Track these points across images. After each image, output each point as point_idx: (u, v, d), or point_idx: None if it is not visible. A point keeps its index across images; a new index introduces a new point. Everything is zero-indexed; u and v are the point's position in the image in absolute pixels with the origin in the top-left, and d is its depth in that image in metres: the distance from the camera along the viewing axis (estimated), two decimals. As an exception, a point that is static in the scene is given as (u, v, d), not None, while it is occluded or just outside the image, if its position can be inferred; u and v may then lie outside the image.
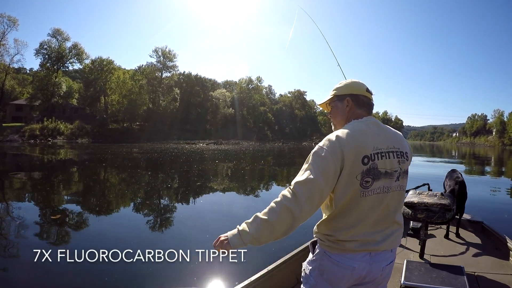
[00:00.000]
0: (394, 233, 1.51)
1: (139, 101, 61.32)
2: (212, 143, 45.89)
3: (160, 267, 3.83)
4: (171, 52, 68.92)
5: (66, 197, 8.43)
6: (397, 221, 1.53)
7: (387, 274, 1.57)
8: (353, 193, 1.41)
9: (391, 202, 1.48)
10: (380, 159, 1.43)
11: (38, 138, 46.79)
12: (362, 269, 1.47)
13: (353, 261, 1.46)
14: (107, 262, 4.05)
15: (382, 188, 1.44)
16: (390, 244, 1.51)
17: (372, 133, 1.47)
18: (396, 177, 1.47)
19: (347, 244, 1.44)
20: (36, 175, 12.56)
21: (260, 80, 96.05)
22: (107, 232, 5.42)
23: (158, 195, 9.00)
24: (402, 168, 1.49)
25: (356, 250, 1.45)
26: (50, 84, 56.40)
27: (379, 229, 1.47)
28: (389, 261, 1.54)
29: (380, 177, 1.43)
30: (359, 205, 1.42)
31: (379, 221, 1.48)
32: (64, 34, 59.14)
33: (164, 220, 6.46)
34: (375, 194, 1.43)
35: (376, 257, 1.48)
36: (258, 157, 24.36)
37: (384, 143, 1.46)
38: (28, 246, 4.67)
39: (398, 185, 1.49)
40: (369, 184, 1.41)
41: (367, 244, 1.45)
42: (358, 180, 1.39)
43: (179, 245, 4.83)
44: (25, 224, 5.73)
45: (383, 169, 1.43)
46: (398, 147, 1.50)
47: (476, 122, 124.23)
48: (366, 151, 1.41)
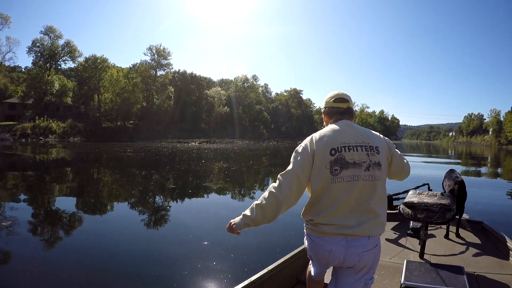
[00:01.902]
0: (369, 220, 1.68)
1: (132, 99, 60.88)
2: (204, 142, 45.41)
3: (160, 267, 3.80)
4: (166, 50, 68.55)
5: (43, 201, 8.06)
6: (373, 210, 1.70)
7: (367, 261, 1.72)
8: (325, 180, 1.68)
9: (363, 190, 1.69)
10: (347, 151, 1.70)
11: (30, 137, 46.29)
12: (339, 252, 1.69)
13: (330, 244, 1.69)
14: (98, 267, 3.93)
15: (352, 176, 1.68)
16: (367, 231, 1.68)
17: (342, 131, 1.76)
18: (365, 167, 1.69)
19: (324, 227, 1.69)
20: (11, 176, 12.16)
21: (256, 78, 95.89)
22: (75, 242, 5.16)
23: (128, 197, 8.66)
24: (372, 160, 1.71)
25: (332, 233, 1.68)
26: (43, 82, 55.90)
27: (354, 216, 1.67)
28: (367, 249, 1.70)
29: (348, 166, 1.68)
30: (331, 191, 1.68)
31: (353, 208, 1.68)
32: (57, 32, 58.64)
33: (154, 220, 6.15)
34: (345, 182, 1.67)
35: (353, 242, 1.67)
36: (248, 156, 23.99)
37: (352, 139, 1.73)
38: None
39: (369, 175, 1.70)
40: (338, 172, 1.67)
41: (342, 228, 1.66)
42: (327, 168, 1.68)
43: (178, 245, 4.74)
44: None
45: (351, 160, 1.69)
46: (368, 142, 1.75)
47: (472, 122, 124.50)
48: (334, 145, 1.71)
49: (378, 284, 2.54)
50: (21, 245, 4.70)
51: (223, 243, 4.60)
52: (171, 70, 71.82)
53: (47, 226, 5.91)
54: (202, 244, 4.58)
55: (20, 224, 5.71)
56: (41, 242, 5.02)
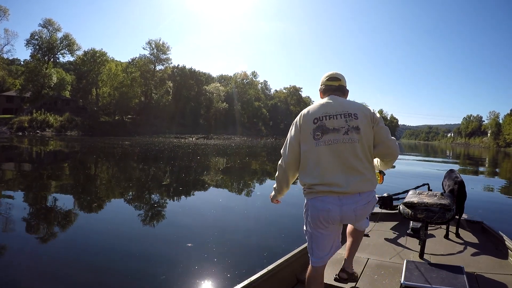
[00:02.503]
0: (356, 178, 1.90)
1: (130, 94, 60.55)
2: (202, 138, 45.18)
3: (159, 268, 3.78)
4: (165, 44, 68.11)
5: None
6: (357, 169, 1.92)
7: (361, 215, 1.99)
8: (310, 144, 1.98)
9: (344, 151, 1.92)
10: (328, 119, 1.98)
11: (27, 130, 46.02)
12: (335, 211, 1.91)
13: (326, 203, 1.92)
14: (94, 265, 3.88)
15: (332, 140, 1.94)
16: (355, 188, 1.90)
17: (326, 104, 2.05)
18: (344, 132, 1.94)
19: (317, 187, 1.93)
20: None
21: (255, 75, 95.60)
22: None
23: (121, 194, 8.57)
24: (350, 125, 1.95)
25: (325, 192, 1.91)
26: (41, 76, 55.56)
27: (340, 175, 1.91)
28: (360, 204, 1.94)
29: (328, 132, 1.95)
30: (315, 153, 1.96)
31: (338, 168, 1.92)
32: (55, 25, 58.27)
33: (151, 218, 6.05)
34: (326, 145, 1.94)
35: (345, 200, 1.90)
36: (243, 153, 23.91)
37: (333, 109, 2.00)
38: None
39: (348, 138, 1.94)
40: (319, 136, 1.96)
41: (332, 187, 1.89)
42: (311, 134, 1.98)
43: (176, 245, 4.66)
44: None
45: (331, 126, 1.96)
46: (347, 110, 1.99)
47: (471, 123, 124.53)
48: (316, 115, 2.01)
49: (378, 284, 2.56)
50: (15, 241, 4.65)
51: (223, 243, 4.58)
52: (170, 65, 71.47)
53: (36, 222, 5.79)
54: (202, 244, 4.54)
55: (14, 219, 5.62)
56: (32, 238, 4.93)
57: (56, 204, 6.97)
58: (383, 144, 2.03)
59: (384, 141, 2.02)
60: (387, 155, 2.11)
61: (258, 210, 6.86)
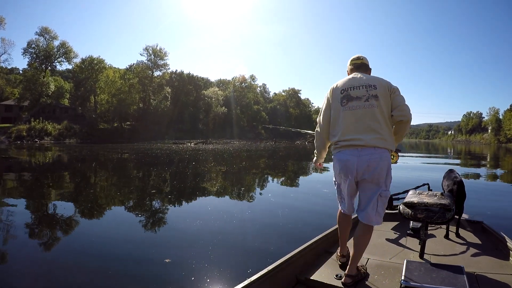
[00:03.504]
0: (373, 136, 2.36)
1: (128, 100, 60.46)
2: (200, 143, 44.87)
3: (159, 269, 3.80)
4: (162, 50, 68.03)
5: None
6: (374, 129, 2.38)
7: (373, 170, 2.36)
8: (338, 110, 2.50)
9: (364, 114, 2.40)
10: (352, 90, 2.48)
11: (25, 139, 45.97)
12: (353, 161, 2.38)
13: (346, 155, 2.42)
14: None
15: (355, 106, 2.43)
16: (372, 143, 2.34)
17: (351, 78, 2.55)
18: (365, 99, 2.42)
19: (341, 143, 2.44)
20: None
21: (253, 78, 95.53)
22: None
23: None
24: (370, 93, 2.42)
25: (347, 146, 2.41)
26: (38, 84, 55.54)
27: (361, 133, 2.37)
28: (373, 157, 2.35)
29: (352, 99, 2.45)
30: (342, 116, 2.46)
31: (357, 128, 2.39)
32: (52, 33, 58.25)
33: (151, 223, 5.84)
34: (351, 110, 2.44)
35: (362, 151, 2.36)
36: (239, 158, 23.67)
37: (357, 82, 2.50)
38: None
39: (368, 104, 2.41)
40: (345, 103, 2.47)
41: (354, 141, 2.38)
42: (339, 102, 2.50)
43: (176, 246, 4.68)
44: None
45: (355, 95, 2.45)
46: (368, 83, 2.47)
47: (471, 120, 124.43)
48: (343, 87, 2.52)
49: (378, 284, 2.54)
50: (16, 248, 4.62)
51: (223, 243, 4.60)
52: (168, 70, 71.41)
53: (33, 227, 5.71)
54: (201, 245, 4.54)
55: (15, 226, 5.60)
56: (32, 243, 4.89)
57: (44, 212, 6.73)
58: (398, 107, 2.44)
59: (399, 105, 2.44)
60: (402, 116, 2.45)
61: (257, 212, 6.83)
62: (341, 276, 2.55)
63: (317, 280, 2.57)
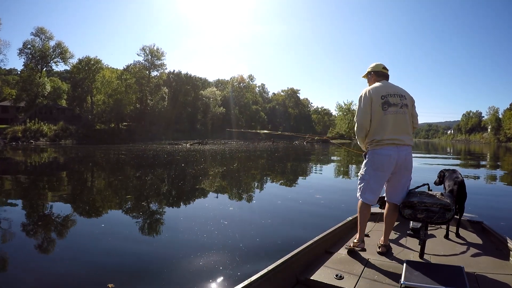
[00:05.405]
0: (407, 137, 3.04)
1: (125, 100, 60.11)
2: (196, 143, 44.36)
3: (159, 269, 3.78)
4: (159, 50, 67.77)
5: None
6: (407, 131, 3.06)
7: (408, 162, 3.08)
8: (379, 114, 3.01)
9: (401, 118, 3.02)
10: (390, 97, 3.03)
11: (21, 140, 45.66)
12: (394, 156, 2.96)
13: (388, 151, 2.97)
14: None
15: (394, 111, 3.00)
16: (407, 142, 3.03)
17: (386, 86, 3.13)
18: (400, 106, 3.03)
19: (384, 141, 2.98)
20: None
21: (252, 78, 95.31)
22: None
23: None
24: (403, 102, 3.06)
25: (389, 144, 2.97)
26: (34, 85, 55.23)
27: (398, 134, 2.99)
28: (407, 152, 3.06)
29: (391, 105, 3.01)
30: (383, 120, 3.00)
31: (396, 130, 2.99)
32: (48, 33, 57.92)
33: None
34: (390, 114, 2.99)
35: (401, 148, 2.98)
36: (233, 159, 23.32)
37: (393, 90, 3.09)
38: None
39: (403, 111, 3.04)
40: (386, 108, 3.00)
41: (394, 141, 2.97)
42: (380, 106, 3.00)
43: (175, 246, 4.71)
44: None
45: (393, 102, 3.01)
46: (400, 93, 3.11)
47: (471, 119, 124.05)
48: (382, 93, 3.05)
49: (378, 284, 2.55)
50: (14, 249, 4.61)
51: (222, 243, 4.60)
52: (165, 70, 71.08)
53: (27, 228, 5.71)
54: (201, 245, 4.55)
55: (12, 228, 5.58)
56: (30, 246, 4.82)
57: (39, 213, 6.40)
58: (415, 117, 3.24)
59: (416, 116, 3.25)
60: (415, 124, 3.24)
61: (256, 212, 6.85)
62: (341, 276, 2.58)
63: (317, 280, 2.59)
